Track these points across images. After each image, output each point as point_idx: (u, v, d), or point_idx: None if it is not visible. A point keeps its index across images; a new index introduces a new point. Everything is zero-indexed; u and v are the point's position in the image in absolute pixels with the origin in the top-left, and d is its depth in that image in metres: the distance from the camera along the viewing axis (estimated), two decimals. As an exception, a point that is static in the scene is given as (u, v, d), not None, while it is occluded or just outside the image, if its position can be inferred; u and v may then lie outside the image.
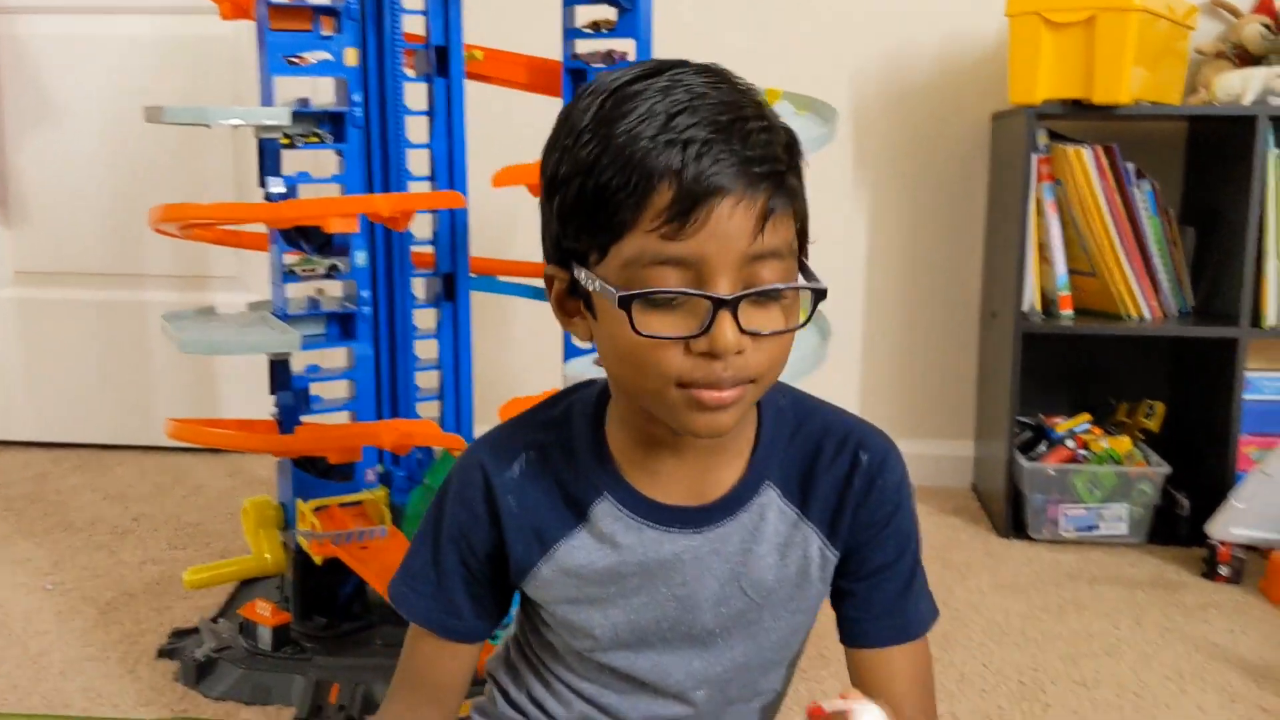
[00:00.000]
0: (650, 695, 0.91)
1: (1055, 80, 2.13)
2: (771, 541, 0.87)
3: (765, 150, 0.74)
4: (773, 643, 0.90)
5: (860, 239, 2.58)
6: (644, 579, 0.86)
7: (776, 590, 0.88)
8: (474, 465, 0.88)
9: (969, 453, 2.60)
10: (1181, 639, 1.79)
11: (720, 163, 0.72)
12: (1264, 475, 1.98)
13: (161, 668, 1.65)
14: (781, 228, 0.76)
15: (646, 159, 0.72)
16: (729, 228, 0.73)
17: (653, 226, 0.73)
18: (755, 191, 0.73)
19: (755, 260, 0.74)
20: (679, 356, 0.75)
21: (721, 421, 0.77)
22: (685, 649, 0.89)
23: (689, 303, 0.74)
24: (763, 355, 0.76)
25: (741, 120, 0.74)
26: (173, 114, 1.49)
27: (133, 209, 2.62)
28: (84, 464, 2.67)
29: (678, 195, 0.72)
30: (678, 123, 0.73)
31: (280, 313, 1.65)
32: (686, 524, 0.86)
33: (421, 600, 0.90)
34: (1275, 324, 2.19)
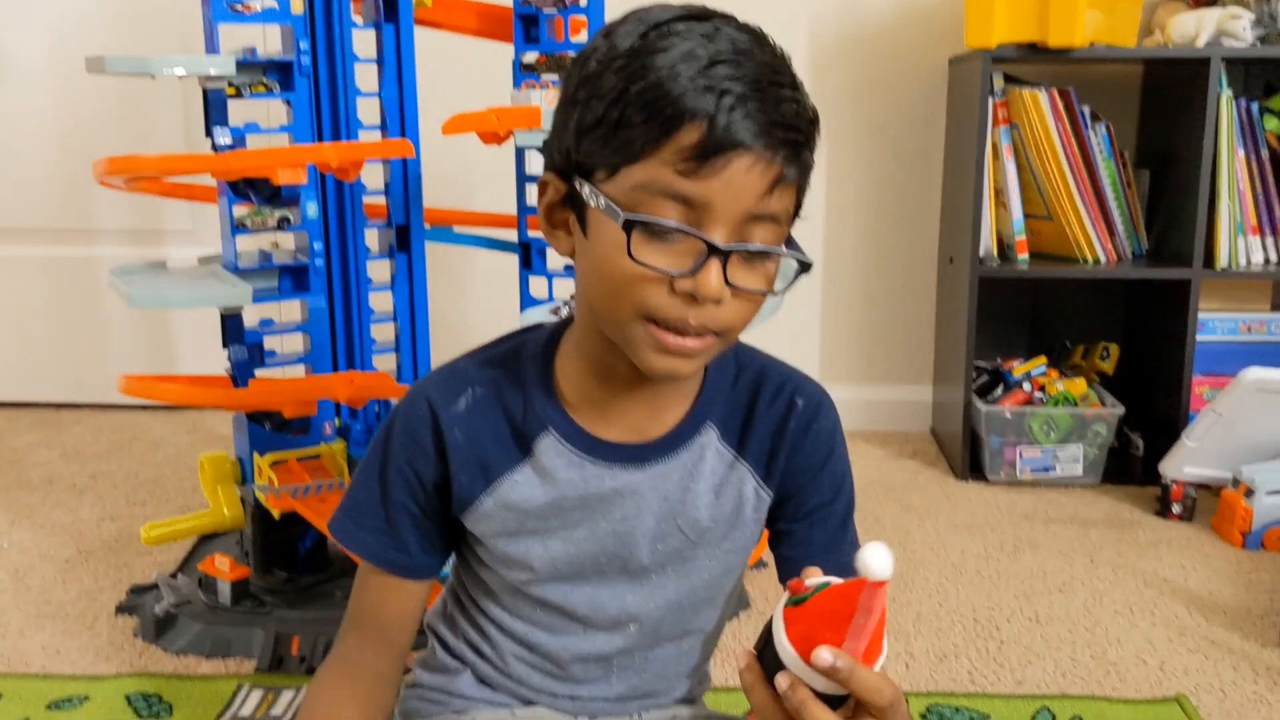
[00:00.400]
0: (580, 633, 0.92)
1: (1010, 23, 2.12)
2: (709, 481, 0.89)
3: (793, 120, 0.76)
4: (705, 581, 0.92)
5: (818, 186, 2.57)
6: (584, 513, 0.88)
7: (711, 529, 0.90)
8: (420, 399, 0.89)
9: (927, 397, 2.62)
10: (1133, 575, 1.82)
11: (751, 118, 0.74)
12: (1216, 415, 2.01)
13: (121, 624, 1.64)
14: (785, 196, 0.78)
15: (684, 97, 0.74)
16: (743, 181, 0.74)
17: (671, 159, 0.74)
18: (774, 155, 0.75)
19: (755, 219, 0.76)
20: (659, 292, 0.76)
21: (681, 368, 0.79)
22: (620, 583, 0.90)
23: (684, 242, 0.75)
24: (735, 311, 0.78)
25: (777, 85, 0.76)
26: (115, 64, 1.46)
27: (82, 163, 2.56)
28: (40, 422, 2.64)
29: (704, 137, 0.73)
30: (718, 70, 0.74)
31: (231, 266, 1.63)
32: (629, 460, 0.87)
33: (368, 535, 0.91)
34: (1227, 265, 2.21)
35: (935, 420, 2.58)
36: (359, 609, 0.94)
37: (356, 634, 0.94)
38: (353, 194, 1.68)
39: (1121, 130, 2.36)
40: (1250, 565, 1.86)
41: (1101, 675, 1.51)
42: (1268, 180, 2.24)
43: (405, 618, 0.94)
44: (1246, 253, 2.23)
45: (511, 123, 1.54)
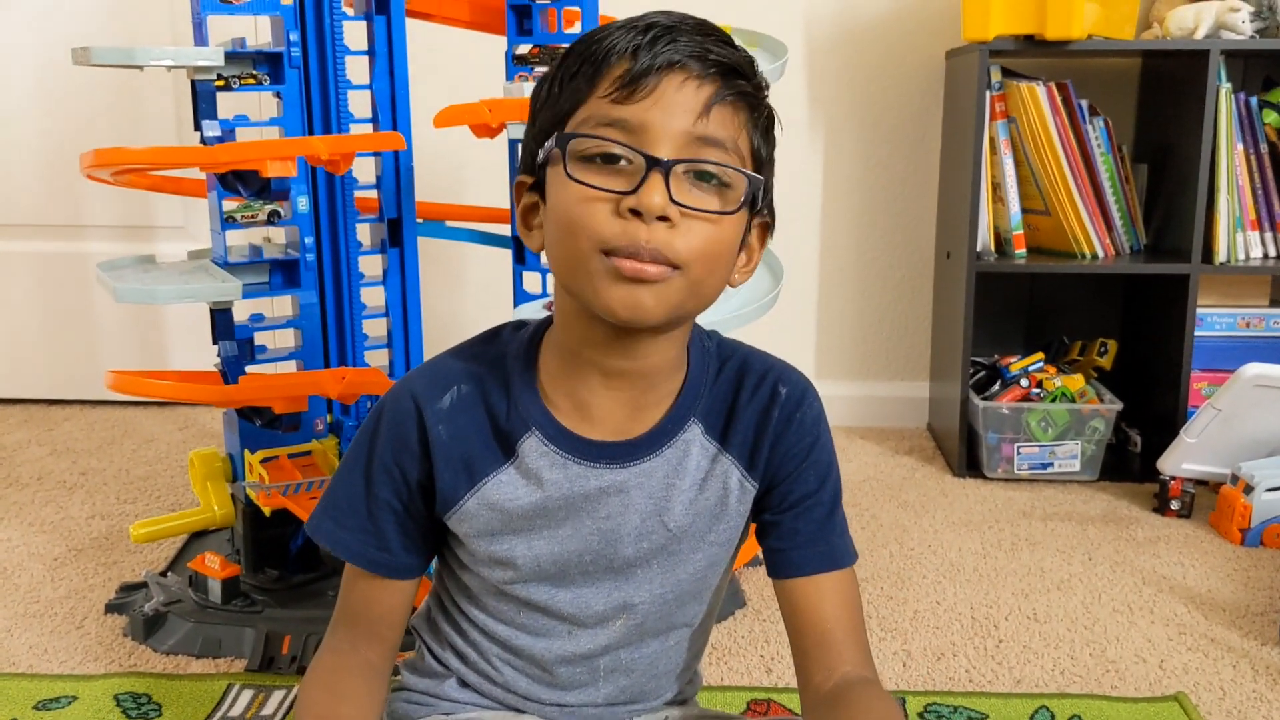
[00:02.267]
0: (564, 635, 0.91)
1: (1008, 16, 2.11)
2: (693, 476, 0.88)
3: (723, 49, 0.79)
4: (689, 575, 0.91)
5: (814, 179, 2.56)
6: (569, 513, 0.87)
7: (695, 523, 0.89)
8: (406, 395, 0.88)
9: (924, 393, 2.60)
10: (1132, 573, 1.81)
11: (676, 44, 0.77)
12: (1214, 410, 1.99)
13: (110, 623, 1.62)
14: (728, 122, 0.79)
15: (607, 39, 0.78)
16: (675, 98, 0.77)
17: (605, 93, 0.77)
18: (706, 75, 0.77)
19: (699, 142, 0.77)
20: (608, 216, 0.77)
21: (642, 300, 0.77)
22: (605, 580, 0.90)
23: (628, 169, 0.77)
24: (690, 239, 0.78)
25: (708, 27, 0.80)
26: (101, 55, 1.44)
27: (71, 158, 2.54)
28: (30, 419, 2.62)
29: (632, 66, 0.77)
30: (646, 17, 0.79)
31: (221, 260, 1.61)
32: (613, 459, 0.87)
33: (351, 535, 0.90)
34: (1226, 260, 2.20)
35: (932, 416, 2.57)
36: (347, 606, 0.93)
37: (347, 629, 0.93)
38: (344, 188, 1.66)
39: (1119, 124, 2.35)
40: (1249, 562, 1.84)
41: (1100, 673, 1.50)
42: (1266, 175, 2.22)
43: (394, 614, 0.93)
44: (1245, 247, 2.22)
45: (504, 115, 1.52)
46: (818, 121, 2.53)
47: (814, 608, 0.89)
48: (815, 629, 0.88)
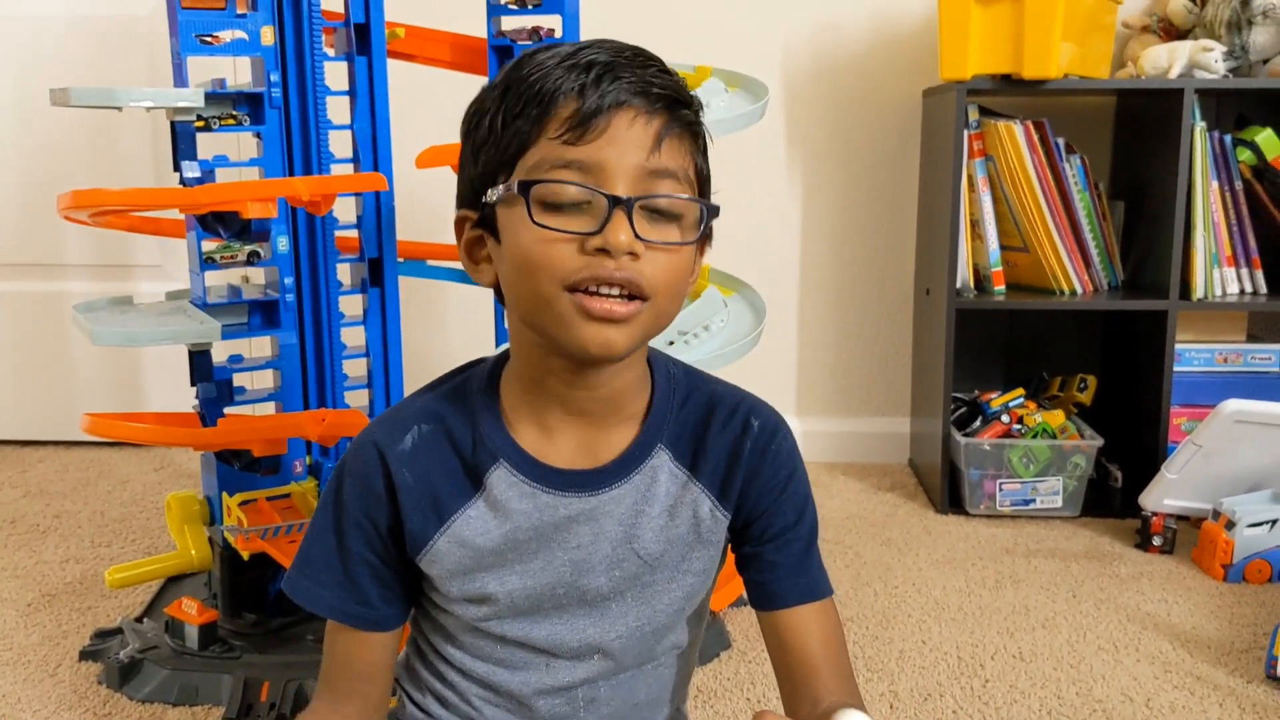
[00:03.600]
0: (543, 668, 0.90)
1: (985, 55, 2.13)
2: (663, 504, 0.88)
3: (664, 81, 0.80)
4: (665, 606, 0.90)
5: (793, 217, 2.57)
6: (540, 544, 0.87)
7: (667, 551, 0.89)
8: (368, 444, 0.87)
9: (905, 429, 2.60)
10: (1116, 610, 1.80)
11: (620, 82, 0.78)
12: (1195, 446, 2.00)
13: (84, 670, 1.59)
14: (678, 153, 0.80)
15: (549, 79, 0.78)
16: (627, 137, 0.78)
17: (556, 135, 0.77)
18: (653, 110, 0.79)
19: (653, 175, 0.78)
20: (572, 254, 0.77)
21: (612, 338, 0.78)
22: (580, 615, 0.89)
23: (588, 209, 0.77)
24: (656, 270, 0.79)
25: (644, 58, 0.81)
26: (80, 96, 1.43)
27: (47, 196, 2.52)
28: (2, 460, 2.59)
29: (580, 106, 0.77)
30: (584, 53, 0.79)
31: (200, 301, 1.59)
32: (581, 487, 0.86)
33: (328, 591, 0.89)
34: (1204, 296, 2.21)
35: (913, 452, 2.57)
36: (330, 666, 0.92)
37: (330, 690, 0.92)
38: (324, 227, 1.65)
39: (1095, 162, 2.37)
40: (1232, 598, 1.84)
41: (1088, 713, 1.49)
42: (1241, 211, 2.25)
43: (377, 669, 0.91)
44: (1222, 284, 2.24)
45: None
46: (796, 159, 2.54)
47: (798, 639, 0.89)
48: (799, 660, 0.88)
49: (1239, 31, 2.21)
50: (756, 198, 2.55)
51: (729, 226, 2.53)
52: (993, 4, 2.10)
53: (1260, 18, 2.18)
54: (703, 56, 1.94)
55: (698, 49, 2.40)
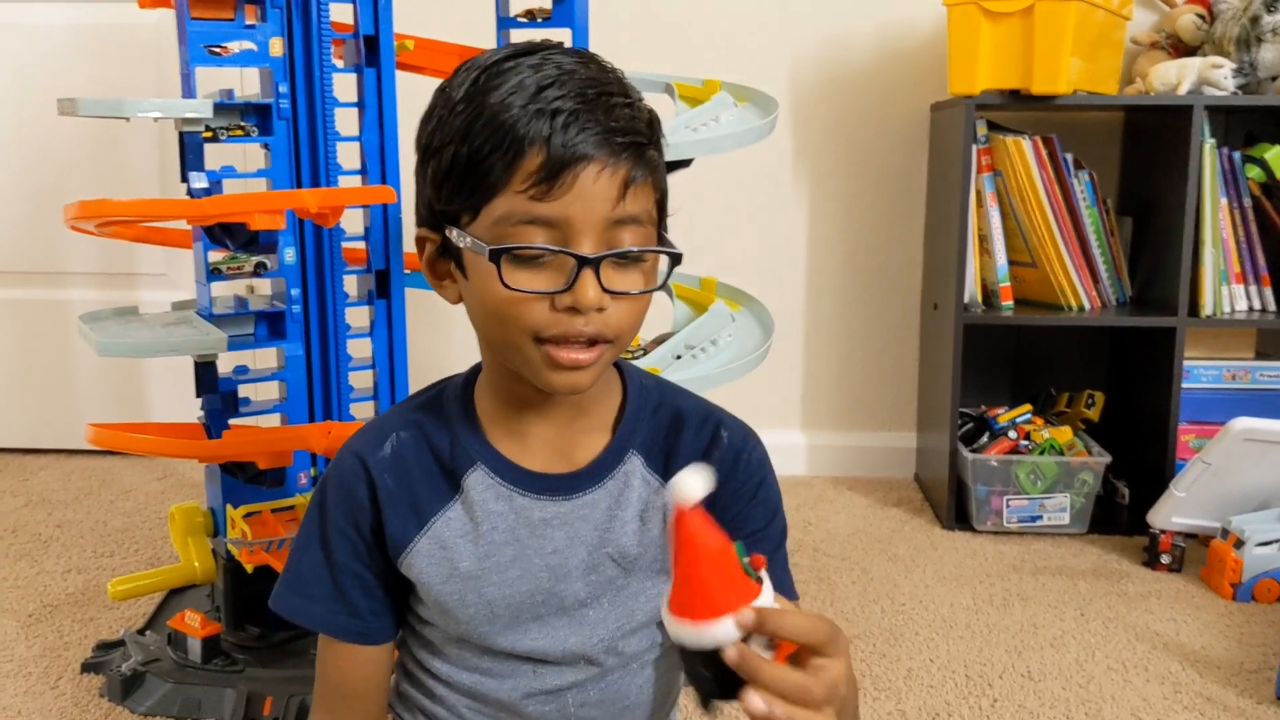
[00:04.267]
0: (530, 676, 0.90)
1: (994, 71, 2.12)
2: (635, 508, 0.89)
3: (629, 124, 0.80)
4: (643, 608, 0.91)
5: (800, 231, 2.56)
6: (517, 549, 0.87)
7: (642, 555, 0.89)
8: (349, 454, 0.89)
9: (911, 444, 2.59)
10: (1125, 629, 1.79)
11: (585, 131, 0.77)
12: (1204, 464, 1.99)
13: (86, 682, 1.58)
14: (642, 197, 0.81)
15: (517, 125, 0.78)
16: (594, 191, 0.78)
17: (522, 188, 0.78)
18: (618, 160, 0.79)
19: (617, 225, 0.79)
20: (543, 312, 0.79)
21: (579, 380, 0.82)
22: (559, 624, 0.89)
23: (554, 261, 0.79)
24: (622, 315, 0.81)
25: (607, 95, 0.80)
26: (88, 106, 1.43)
27: (52, 204, 2.52)
28: (4, 468, 2.58)
29: (546, 160, 0.77)
30: (547, 94, 0.78)
31: (205, 312, 1.59)
32: (556, 491, 0.88)
33: (317, 606, 0.89)
34: (1212, 313, 2.20)
35: (919, 467, 2.55)
36: (324, 683, 0.93)
37: (327, 713, 0.92)
38: (331, 239, 1.64)
39: (1103, 177, 2.36)
40: (1241, 618, 1.83)
41: (1097, 734, 1.48)
42: (1250, 229, 2.24)
43: (371, 684, 0.92)
44: (1230, 300, 2.23)
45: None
46: (802, 173, 2.54)
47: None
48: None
49: (1248, 48, 2.20)
50: (763, 211, 2.54)
51: (736, 240, 2.53)
52: (1002, 19, 2.09)
53: (1270, 35, 2.17)
54: (710, 70, 1.94)
55: (706, 62, 2.40)
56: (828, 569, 2.01)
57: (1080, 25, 2.06)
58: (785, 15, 2.48)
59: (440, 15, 1.99)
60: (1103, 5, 2.12)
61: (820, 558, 2.07)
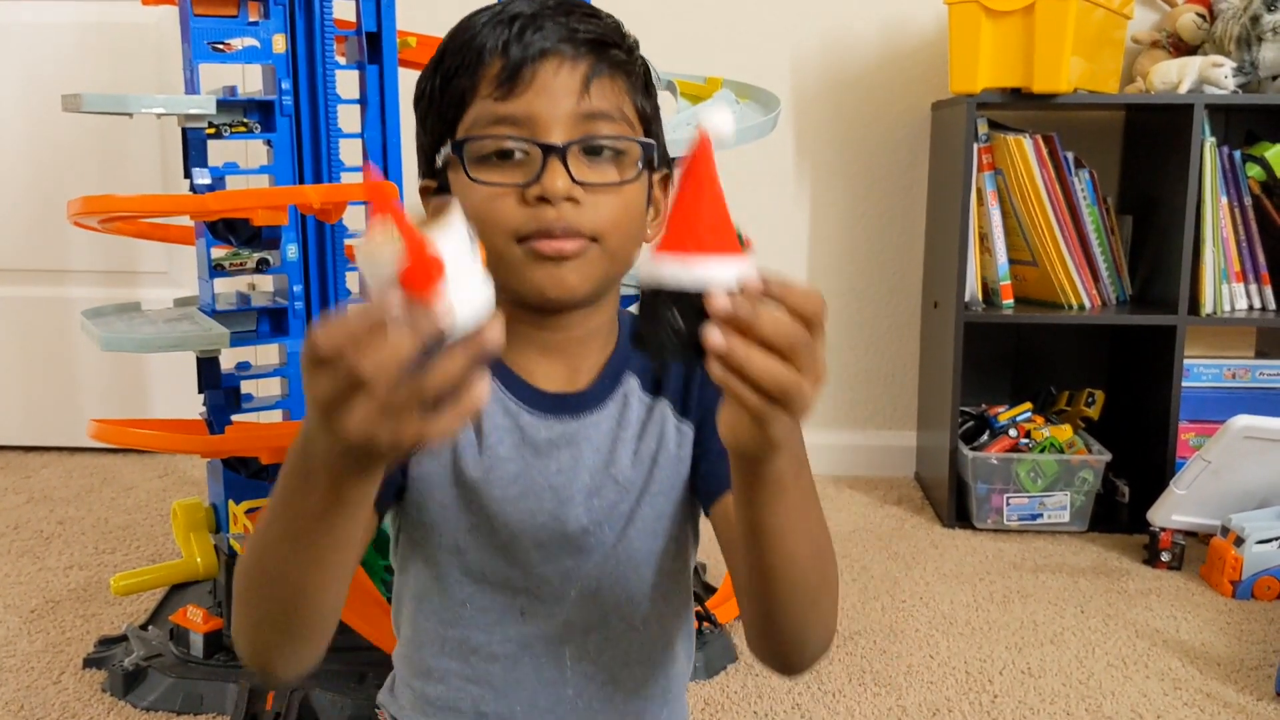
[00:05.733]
0: (518, 619, 0.88)
1: (995, 69, 2.13)
2: (634, 428, 0.89)
3: (589, 24, 0.82)
4: (640, 532, 0.89)
5: (801, 229, 2.57)
6: (521, 467, 0.86)
7: (638, 474, 0.88)
8: None
9: (911, 442, 2.60)
10: (1124, 626, 1.80)
11: (542, 31, 0.80)
12: (1204, 462, 1.99)
13: (88, 678, 1.59)
14: (610, 93, 0.82)
15: (478, 37, 0.81)
16: (555, 85, 0.79)
17: (487, 93, 0.80)
18: (579, 55, 0.80)
19: (587, 119, 0.80)
20: (515, 207, 0.79)
21: (566, 278, 0.80)
22: (558, 549, 0.87)
23: (527, 160, 0.80)
24: (600, 212, 0.80)
25: (569, 6, 0.82)
26: (92, 102, 1.43)
27: (53, 202, 2.52)
28: (6, 466, 2.58)
29: (506, 62, 0.79)
30: (511, 7, 0.81)
31: (208, 308, 1.59)
32: (562, 410, 0.87)
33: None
34: (1212, 311, 2.21)
35: (920, 465, 2.56)
36: None
37: None
38: (334, 235, 1.64)
39: (1104, 176, 2.36)
40: (1241, 615, 1.84)
41: (1097, 730, 1.48)
42: (1250, 227, 2.24)
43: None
44: (1230, 299, 2.23)
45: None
46: (804, 171, 2.54)
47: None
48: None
49: (1249, 48, 2.20)
50: (764, 209, 2.55)
51: (736, 238, 2.53)
52: (1003, 18, 2.10)
53: (1270, 34, 2.18)
54: (712, 67, 1.94)
55: (707, 60, 2.40)
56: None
57: (1081, 24, 2.06)
58: (787, 13, 2.49)
59: (442, 12, 1.99)
60: (1103, 4, 2.13)
61: (821, 555, 2.07)
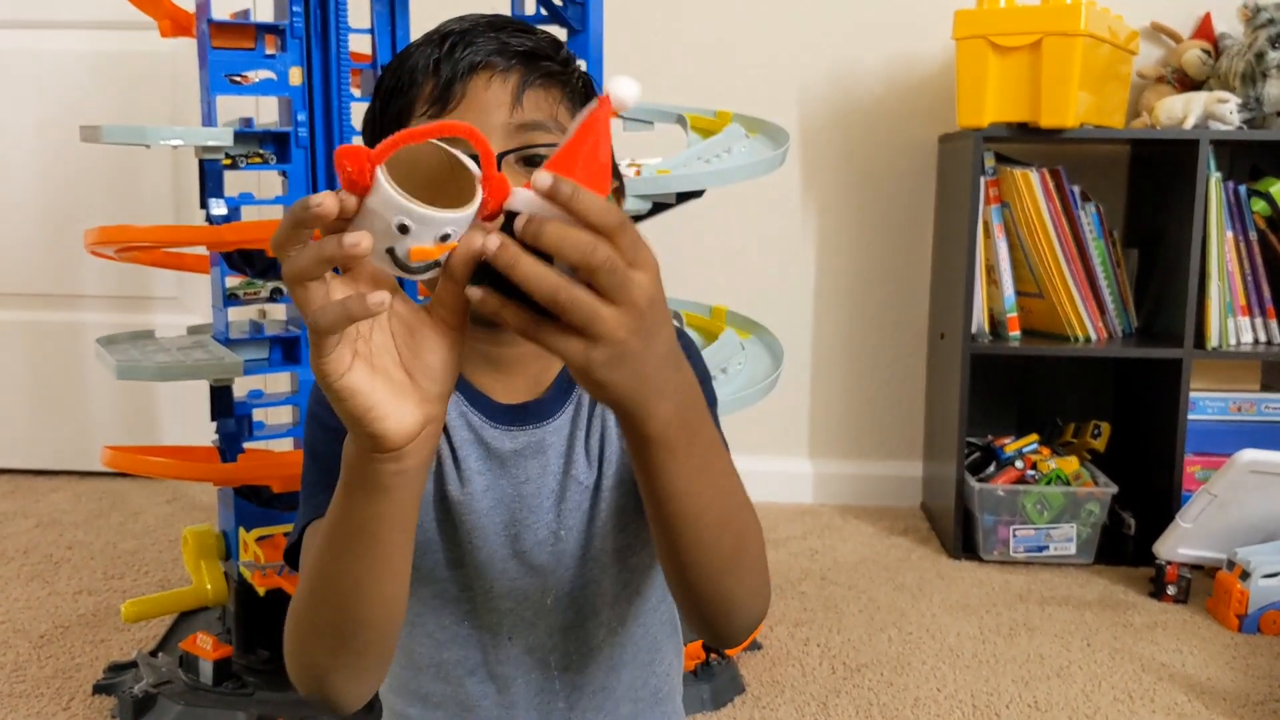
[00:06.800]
0: (505, 637, 0.88)
1: (1002, 103, 2.14)
2: (585, 427, 0.88)
3: (520, 38, 0.81)
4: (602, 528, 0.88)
5: (808, 260, 2.58)
6: (490, 480, 0.86)
7: (593, 469, 0.87)
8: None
9: (918, 472, 2.60)
10: (1131, 660, 1.80)
11: (473, 47, 0.80)
12: (1210, 496, 2.00)
13: (98, 704, 1.59)
14: (545, 103, 0.81)
15: (410, 58, 0.81)
16: (486, 98, 0.79)
17: (422, 111, 0.80)
18: (510, 67, 0.80)
19: (521, 130, 0.79)
20: None
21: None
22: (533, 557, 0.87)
23: None
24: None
25: (503, 25, 0.82)
26: (111, 133, 1.45)
27: (67, 228, 2.55)
28: (16, 490, 2.59)
29: (438, 80, 0.79)
30: (444, 27, 0.82)
31: (221, 337, 1.61)
32: (524, 420, 0.86)
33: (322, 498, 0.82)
34: (1218, 345, 2.22)
35: (926, 496, 2.56)
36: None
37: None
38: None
39: (1110, 210, 2.38)
40: (1247, 649, 1.84)
41: (1104, 765, 1.48)
42: (1256, 262, 2.25)
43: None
44: (1236, 333, 2.24)
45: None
46: (810, 202, 2.56)
47: None
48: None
49: (1254, 83, 2.22)
50: (773, 241, 2.56)
51: (746, 270, 2.55)
52: (1011, 53, 2.12)
53: (1275, 70, 2.19)
54: (722, 100, 1.96)
55: (717, 93, 2.42)
56: (835, 597, 2.02)
57: (1087, 59, 2.08)
58: (796, 47, 2.51)
59: (455, 45, 2.02)
60: (1109, 40, 2.15)
61: (827, 586, 2.08)
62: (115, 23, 2.52)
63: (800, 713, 1.61)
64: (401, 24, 1.66)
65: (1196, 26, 2.39)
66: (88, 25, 2.57)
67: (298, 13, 1.56)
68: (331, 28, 1.59)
